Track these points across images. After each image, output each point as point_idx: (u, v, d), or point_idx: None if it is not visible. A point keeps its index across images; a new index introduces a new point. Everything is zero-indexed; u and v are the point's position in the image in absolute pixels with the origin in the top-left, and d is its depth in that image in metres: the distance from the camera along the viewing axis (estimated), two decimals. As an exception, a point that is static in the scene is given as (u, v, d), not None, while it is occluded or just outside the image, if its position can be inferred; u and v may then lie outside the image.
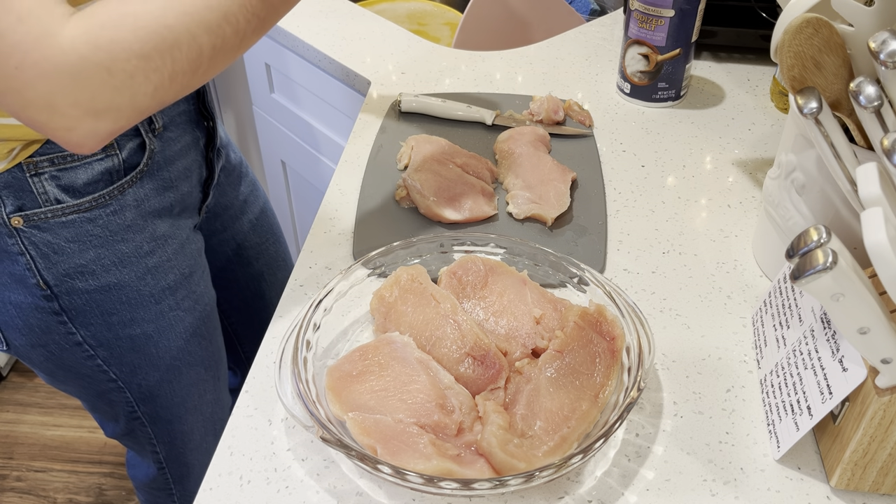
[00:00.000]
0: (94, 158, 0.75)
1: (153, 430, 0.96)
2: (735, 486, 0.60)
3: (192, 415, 0.97)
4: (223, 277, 1.08)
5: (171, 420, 0.95)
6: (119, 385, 0.88)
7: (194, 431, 0.99)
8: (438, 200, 0.83)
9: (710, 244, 0.83)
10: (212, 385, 0.98)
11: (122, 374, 0.87)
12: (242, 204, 1.04)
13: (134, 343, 0.85)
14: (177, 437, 0.98)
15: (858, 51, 0.63)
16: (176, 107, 0.82)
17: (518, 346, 0.68)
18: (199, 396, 0.96)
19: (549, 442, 0.59)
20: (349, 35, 1.21)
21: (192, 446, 1.01)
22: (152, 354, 0.87)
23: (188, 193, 0.87)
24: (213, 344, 0.95)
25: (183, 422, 0.96)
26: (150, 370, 0.88)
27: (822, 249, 0.49)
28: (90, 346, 0.83)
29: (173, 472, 1.03)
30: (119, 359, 0.86)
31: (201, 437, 1.01)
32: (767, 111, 1.04)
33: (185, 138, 0.85)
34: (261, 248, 1.09)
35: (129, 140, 0.77)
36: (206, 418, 1.00)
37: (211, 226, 1.01)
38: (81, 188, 0.75)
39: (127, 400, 0.90)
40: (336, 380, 0.63)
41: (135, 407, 0.92)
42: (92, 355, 0.84)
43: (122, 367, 0.87)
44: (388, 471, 0.55)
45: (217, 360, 0.98)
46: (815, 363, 0.58)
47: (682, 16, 0.96)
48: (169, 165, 0.82)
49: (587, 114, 1.01)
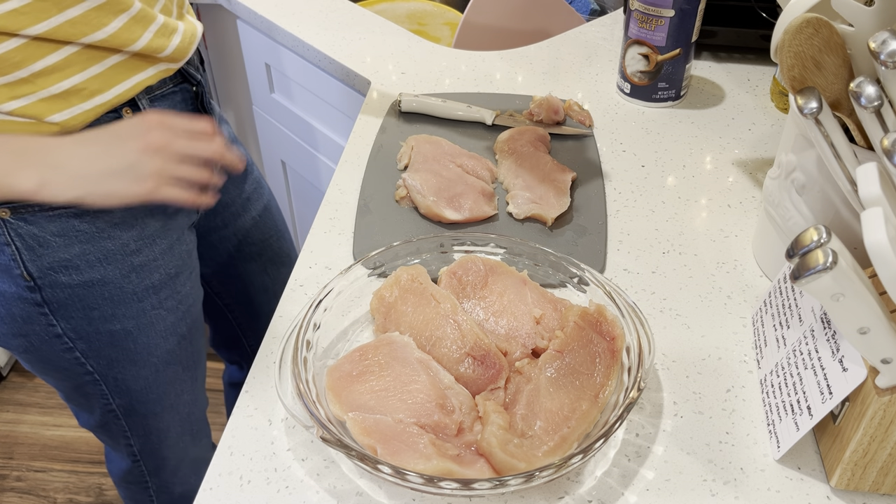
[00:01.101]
0: None
1: (127, 423, 0.96)
2: (735, 486, 0.60)
3: (168, 413, 0.97)
4: (225, 273, 1.08)
5: (147, 415, 0.95)
6: (95, 378, 0.89)
7: (171, 429, 0.99)
8: (438, 200, 0.83)
9: (710, 244, 0.83)
10: (189, 385, 0.98)
11: (100, 368, 0.88)
12: (245, 201, 1.04)
13: (113, 338, 0.85)
14: (152, 433, 0.98)
15: (858, 51, 0.63)
16: (173, 106, 0.83)
17: (518, 346, 0.68)
18: (175, 395, 0.96)
19: (549, 442, 0.59)
20: (349, 35, 1.21)
21: (168, 443, 1.01)
22: (131, 350, 0.87)
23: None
24: (192, 344, 0.95)
25: (159, 419, 0.97)
26: (127, 365, 0.88)
27: (822, 249, 0.49)
28: (69, 338, 0.84)
29: (148, 464, 1.03)
30: (97, 352, 0.86)
31: (178, 435, 1.01)
32: (767, 111, 1.04)
33: None
34: (264, 244, 1.09)
35: None
36: (183, 417, 1.00)
37: (211, 223, 1.01)
38: None
39: (102, 393, 0.91)
40: (336, 380, 0.63)
41: (110, 400, 0.92)
42: (70, 348, 0.84)
43: (100, 360, 0.87)
44: (388, 471, 0.55)
45: (196, 361, 0.98)
46: (815, 363, 0.58)
47: (682, 16, 0.96)
48: None
49: (587, 114, 1.01)
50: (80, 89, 0.72)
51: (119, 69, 0.75)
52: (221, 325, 1.17)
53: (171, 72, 0.81)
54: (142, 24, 0.74)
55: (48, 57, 0.70)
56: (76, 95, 0.72)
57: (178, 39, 0.79)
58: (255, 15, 1.30)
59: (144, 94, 0.78)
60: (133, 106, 0.77)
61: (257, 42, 1.39)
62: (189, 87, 0.85)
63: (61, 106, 0.72)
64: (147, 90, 0.79)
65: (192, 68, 0.85)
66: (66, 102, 0.72)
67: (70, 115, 0.72)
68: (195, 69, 0.86)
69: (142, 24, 0.74)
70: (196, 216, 0.93)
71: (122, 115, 0.77)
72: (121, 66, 0.75)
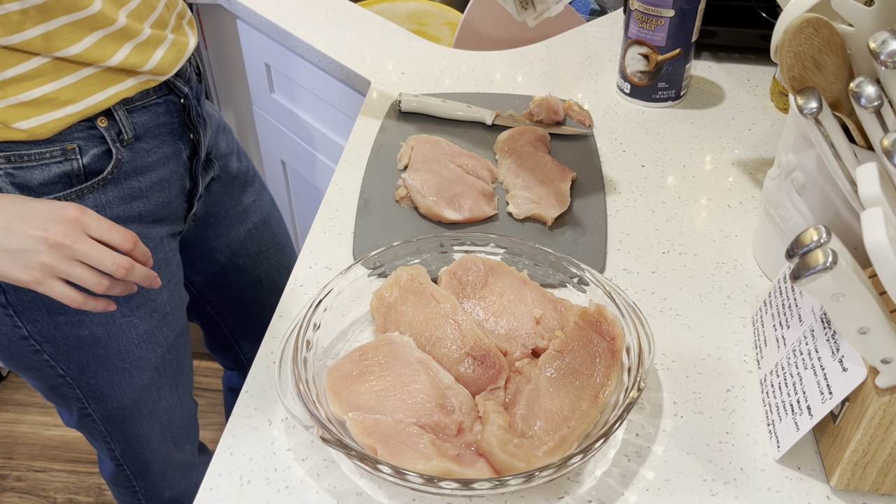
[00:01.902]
0: (52, 160, 0.74)
1: (106, 428, 0.95)
2: (735, 486, 0.60)
3: (146, 419, 0.96)
4: (216, 283, 1.07)
5: (125, 421, 0.94)
6: (68, 381, 0.88)
7: (151, 436, 0.98)
8: (438, 200, 0.83)
9: (710, 244, 0.83)
10: (167, 392, 0.96)
11: (71, 371, 0.87)
12: (241, 213, 1.03)
13: (81, 343, 0.85)
14: (132, 439, 0.97)
15: (858, 51, 0.63)
16: (154, 118, 0.81)
17: (518, 346, 0.68)
18: (153, 402, 0.95)
19: (549, 442, 0.59)
20: (349, 35, 1.21)
21: (150, 448, 1.00)
22: (101, 356, 0.86)
23: (166, 203, 0.86)
24: (170, 352, 0.94)
25: (138, 425, 0.96)
26: (98, 370, 0.88)
27: (822, 249, 0.49)
28: (36, 341, 0.83)
29: (132, 469, 1.02)
30: (66, 356, 0.85)
31: (159, 442, 1.00)
32: (767, 111, 1.04)
33: (164, 150, 0.83)
34: (259, 256, 1.08)
35: (93, 146, 0.76)
36: (164, 425, 0.99)
37: (201, 234, 1.00)
38: (36, 188, 0.74)
39: (77, 396, 0.90)
40: (336, 380, 0.63)
41: (85, 404, 0.91)
42: (38, 350, 0.84)
43: (70, 364, 0.86)
44: (388, 471, 0.55)
45: (175, 368, 0.96)
46: (815, 363, 0.58)
47: (682, 16, 0.96)
48: (139, 175, 0.81)
49: (587, 114, 1.01)
50: (51, 98, 0.71)
51: (93, 80, 0.74)
52: (215, 332, 1.16)
53: (154, 83, 0.79)
54: (117, 41, 0.73)
55: (19, 66, 0.69)
56: (46, 104, 0.71)
57: (162, 54, 0.78)
58: (255, 15, 1.30)
59: (121, 106, 0.77)
60: (108, 116, 0.76)
61: (257, 42, 1.39)
62: (176, 98, 0.83)
63: (30, 113, 0.71)
64: (124, 101, 0.77)
65: (182, 80, 0.83)
66: (35, 110, 0.71)
67: (39, 123, 0.71)
68: (184, 81, 0.84)
69: (118, 40, 0.73)
70: (182, 227, 0.92)
71: (95, 125, 0.75)
72: (95, 77, 0.74)
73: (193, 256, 1.01)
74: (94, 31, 0.71)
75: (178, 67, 0.81)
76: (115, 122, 0.77)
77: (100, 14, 0.71)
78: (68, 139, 0.74)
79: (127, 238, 0.71)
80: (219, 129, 0.97)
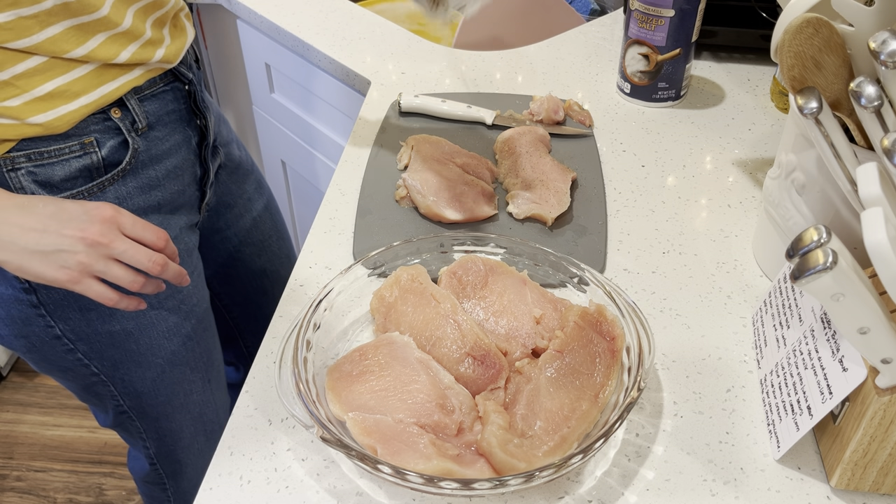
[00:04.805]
0: (72, 155, 0.75)
1: (142, 424, 0.96)
2: (735, 486, 0.60)
3: (179, 413, 0.96)
4: (224, 273, 1.08)
5: (158, 417, 0.95)
6: (102, 379, 0.88)
7: (183, 430, 0.99)
8: (438, 200, 0.83)
9: (710, 244, 0.83)
10: (199, 386, 0.97)
11: (104, 369, 0.87)
12: (247, 202, 1.04)
13: (113, 339, 0.85)
14: (165, 434, 0.98)
15: (858, 51, 0.63)
16: (164, 106, 0.82)
17: (518, 346, 0.68)
18: (185, 396, 0.96)
19: (549, 442, 0.59)
20: (349, 35, 1.21)
21: (182, 444, 1.01)
22: (133, 351, 0.87)
23: (180, 192, 0.87)
24: (200, 345, 0.95)
25: (171, 419, 0.96)
26: (131, 366, 0.88)
27: (822, 249, 0.49)
28: (69, 339, 0.83)
29: (165, 468, 1.03)
30: (100, 353, 0.86)
31: (191, 436, 1.01)
32: (767, 111, 1.04)
33: (175, 137, 0.84)
34: (263, 244, 1.09)
35: (110, 138, 0.77)
36: (195, 418, 0.99)
37: (213, 224, 1.01)
38: (59, 184, 0.75)
39: (112, 394, 0.91)
40: (336, 380, 0.63)
41: (120, 401, 0.92)
42: (72, 349, 0.84)
43: (104, 361, 0.87)
44: (388, 471, 0.55)
45: (206, 362, 0.97)
46: (815, 363, 0.58)
47: (682, 16, 0.96)
48: (155, 164, 0.82)
49: (587, 114, 1.01)
50: (63, 91, 0.72)
51: (103, 71, 0.74)
52: (219, 325, 1.17)
53: (160, 71, 0.80)
54: (121, 42, 0.74)
55: (27, 61, 0.70)
56: (60, 97, 0.72)
57: (163, 53, 0.79)
58: (255, 15, 1.30)
59: (133, 94, 0.78)
60: (121, 106, 0.77)
61: (257, 42, 1.39)
62: (181, 85, 0.84)
63: (45, 107, 0.71)
64: (135, 90, 0.78)
65: (185, 67, 0.85)
66: (49, 104, 0.72)
67: (55, 116, 0.72)
68: (187, 68, 0.85)
69: (122, 41, 0.74)
70: (197, 217, 0.93)
71: (110, 117, 0.76)
72: (104, 68, 0.74)
73: (204, 248, 1.02)
74: (98, 34, 0.72)
75: (180, 58, 0.82)
76: (129, 111, 0.78)
77: (107, 17, 0.72)
78: (85, 133, 0.75)
79: (160, 236, 0.72)
80: (219, 118, 0.98)
